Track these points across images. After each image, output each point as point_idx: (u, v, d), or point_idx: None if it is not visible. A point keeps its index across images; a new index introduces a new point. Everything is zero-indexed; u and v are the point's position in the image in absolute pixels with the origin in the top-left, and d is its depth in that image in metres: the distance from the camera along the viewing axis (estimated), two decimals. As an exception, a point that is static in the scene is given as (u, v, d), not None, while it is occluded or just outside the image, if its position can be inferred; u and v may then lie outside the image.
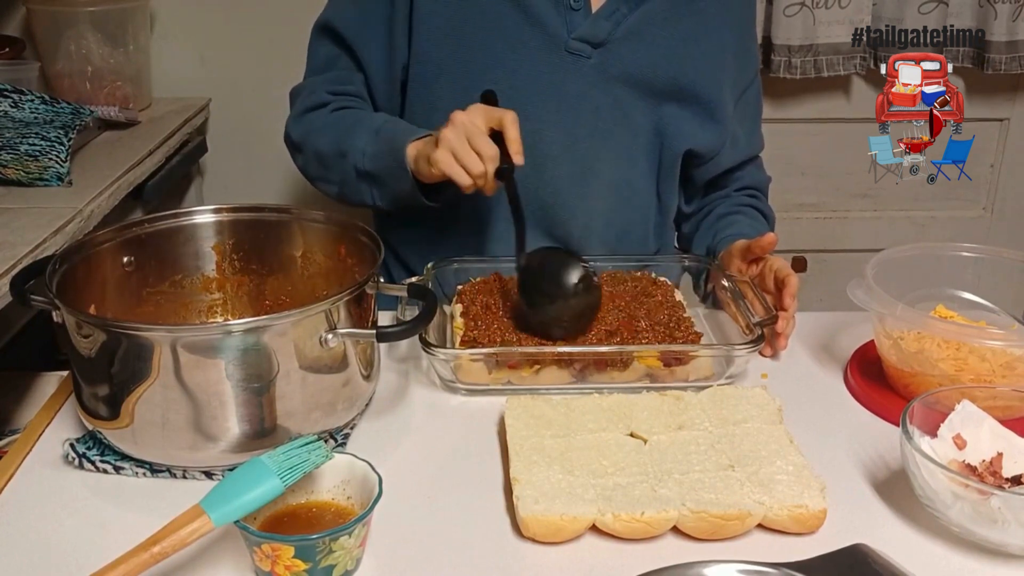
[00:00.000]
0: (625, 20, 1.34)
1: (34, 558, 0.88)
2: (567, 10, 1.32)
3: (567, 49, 1.33)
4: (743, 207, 1.49)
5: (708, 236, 1.47)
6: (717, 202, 1.51)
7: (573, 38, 1.33)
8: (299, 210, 1.18)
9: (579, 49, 1.33)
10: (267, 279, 1.19)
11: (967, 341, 1.07)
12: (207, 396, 0.93)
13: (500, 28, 1.33)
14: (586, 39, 1.33)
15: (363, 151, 1.29)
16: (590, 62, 1.34)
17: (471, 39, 1.33)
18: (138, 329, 0.93)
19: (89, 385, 0.98)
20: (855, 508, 0.95)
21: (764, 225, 1.48)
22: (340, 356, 0.99)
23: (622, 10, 1.33)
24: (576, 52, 1.33)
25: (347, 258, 1.14)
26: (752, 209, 1.50)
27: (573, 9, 1.32)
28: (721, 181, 1.51)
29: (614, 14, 1.33)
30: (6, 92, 1.69)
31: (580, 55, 1.33)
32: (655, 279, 1.29)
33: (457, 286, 1.29)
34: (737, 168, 1.50)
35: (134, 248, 1.12)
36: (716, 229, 1.46)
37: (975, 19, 2.18)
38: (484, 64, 1.33)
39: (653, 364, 1.13)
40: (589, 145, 1.37)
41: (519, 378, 1.13)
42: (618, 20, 1.33)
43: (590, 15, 1.33)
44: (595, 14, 1.33)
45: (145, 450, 0.97)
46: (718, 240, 1.43)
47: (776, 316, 1.17)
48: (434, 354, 1.11)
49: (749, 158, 1.51)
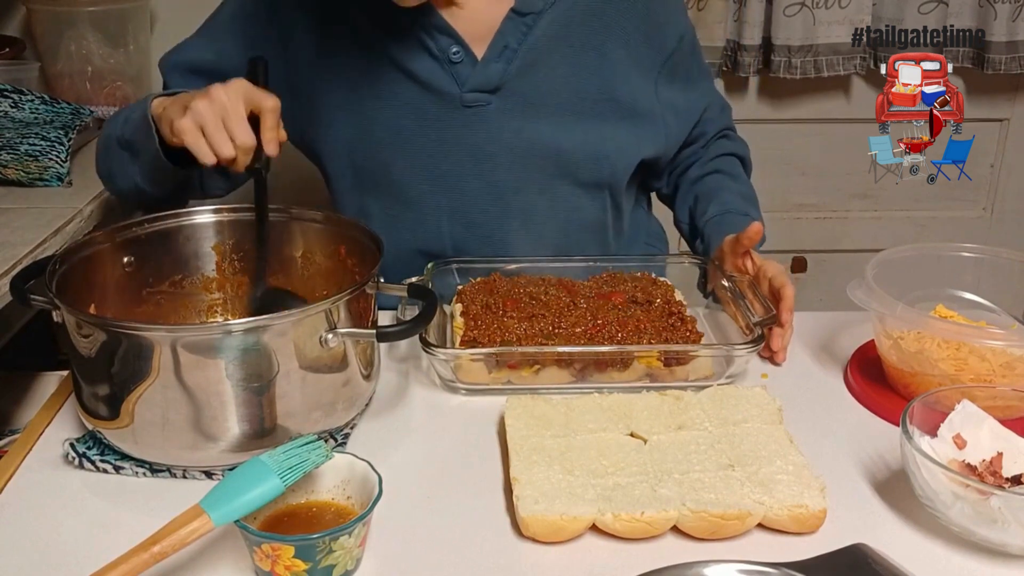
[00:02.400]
0: (515, 56, 1.29)
1: (34, 558, 0.88)
2: (450, 64, 1.28)
3: (463, 104, 1.29)
4: (717, 160, 1.45)
5: (689, 200, 1.43)
6: (691, 159, 1.47)
7: (466, 91, 1.29)
8: (299, 210, 1.18)
9: (475, 100, 1.29)
10: (267, 279, 1.18)
11: (967, 341, 1.07)
12: (207, 396, 0.93)
13: (395, 95, 1.30)
14: (480, 88, 1.29)
15: (125, 118, 1.24)
16: (490, 108, 1.29)
17: (369, 111, 1.30)
18: (138, 329, 0.93)
19: (89, 385, 0.98)
20: (855, 508, 0.95)
21: (743, 180, 1.44)
22: (340, 356, 0.99)
23: (511, 46, 1.28)
24: (472, 104, 1.29)
25: (347, 258, 1.14)
26: (726, 158, 1.45)
27: (454, 63, 1.28)
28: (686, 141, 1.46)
29: (503, 54, 1.28)
30: (6, 92, 1.69)
31: (478, 105, 1.29)
32: (655, 279, 1.29)
33: (457, 286, 1.29)
34: (696, 125, 1.45)
35: (134, 248, 1.12)
36: (696, 195, 1.42)
37: (975, 19, 2.18)
38: (390, 134, 1.31)
39: (653, 364, 1.13)
40: (514, 185, 1.34)
41: (519, 378, 1.13)
42: (508, 58, 1.28)
43: (477, 63, 1.28)
44: (482, 60, 1.28)
45: (145, 450, 0.97)
46: (704, 222, 1.38)
47: (775, 316, 1.17)
48: (434, 354, 1.11)
49: (701, 112, 1.45)
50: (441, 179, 1.33)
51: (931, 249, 1.22)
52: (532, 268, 1.31)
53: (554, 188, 1.36)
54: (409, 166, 1.32)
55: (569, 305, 1.19)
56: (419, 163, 1.32)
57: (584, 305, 1.20)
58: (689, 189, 1.45)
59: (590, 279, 1.29)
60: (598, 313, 1.18)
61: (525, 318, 1.17)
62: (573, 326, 1.15)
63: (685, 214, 1.45)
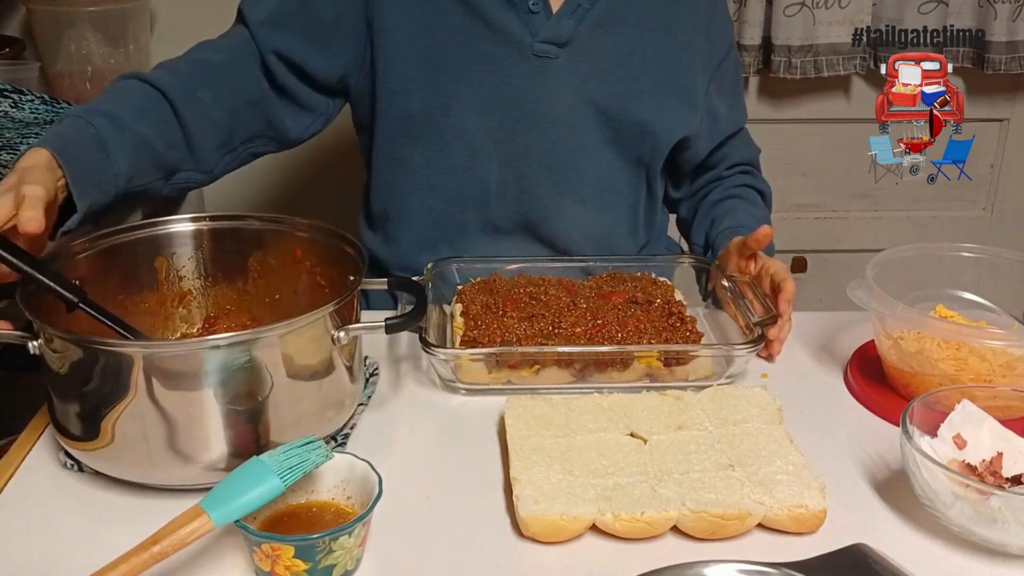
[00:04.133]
0: (587, 15, 1.33)
1: (34, 558, 0.88)
2: (527, 14, 1.31)
3: (533, 53, 1.32)
4: (737, 188, 1.48)
5: (705, 224, 1.46)
6: (710, 186, 1.50)
7: (537, 41, 1.32)
8: (248, 215, 1.14)
9: (545, 51, 1.33)
10: (214, 288, 1.16)
11: (967, 341, 1.07)
12: (189, 415, 0.91)
13: (465, 41, 1.32)
14: (551, 40, 1.32)
15: None
16: (557, 62, 1.33)
17: (437, 54, 1.32)
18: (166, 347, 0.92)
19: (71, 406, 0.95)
20: (855, 508, 0.95)
21: (761, 207, 1.47)
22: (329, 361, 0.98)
23: (583, 6, 1.33)
24: (542, 55, 1.33)
25: (304, 259, 1.13)
26: (747, 189, 1.48)
27: (532, 12, 1.32)
28: (708, 161, 1.50)
29: (575, 11, 1.33)
30: (6, 92, 1.69)
31: (547, 57, 1.33)
32: (655, 279, 1.29)
33: (457, 286, 1.29)
34: (723, 144, 1.48)
35: (81, 270, 1.05)
36: (713, 217, 1.45)
37: (975, 19, 2.18)
38: (453, 78, 1.32)
39: (653, 364, 1.13)
40: (566, 146, 1.37)
41: (519, 378, 1.13)
42: (580, 17, 1.33)
43: (551, 16, 1.33)
44: (556, 14, 1.33)
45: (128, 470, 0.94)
46: (716, 234, 1.42)
47: (775, 315, 1.17)
48: (434, 354, 1.11)
49: (733, 132, 1.50)
50: (498, 127, 1.34)
51: (931, 249, 1.22)
52: (532, 268, 1.31)
53: (600, 155, 1.39)
54: (470, 110, 1.33)
55: (569, 305, 1.19)
56: (480, 108, 1.33)
57: (584, 305, 1.20)
58: (707, 212, 1.47)
59: (590, 279, 1.29)
60: (598, 313, 1.18)
61: (525, 318, 1.17)
62: (573, 326, 1.15)
63: (701, 236, 1.47)
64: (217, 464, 0.92)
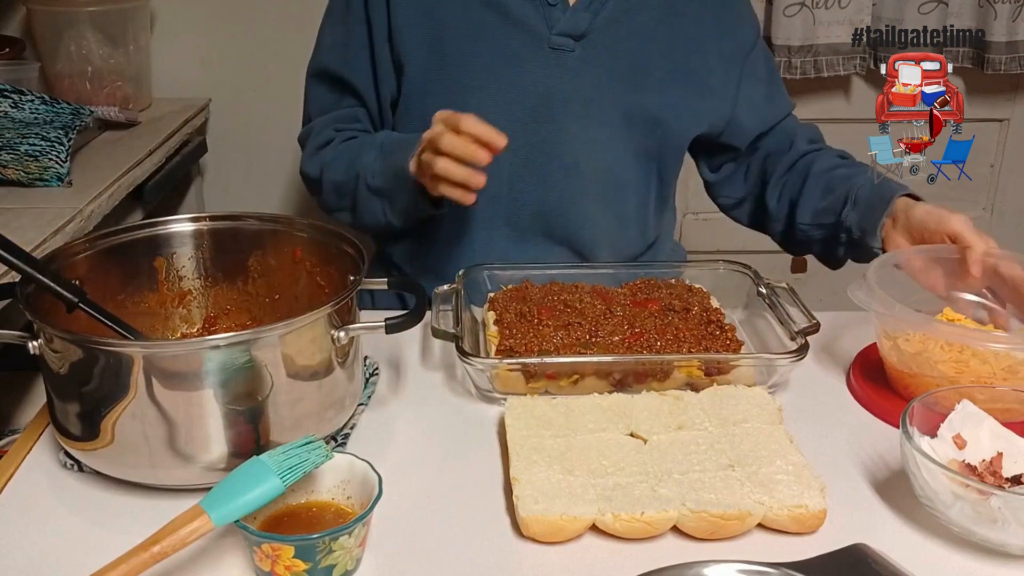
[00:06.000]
0: (604, 8, 1.34)
1: (34, 558, 0.88)
2: (545, 6, 1.33)
3: (550, 45, 1.34)
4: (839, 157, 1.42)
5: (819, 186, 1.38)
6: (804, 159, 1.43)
7: (555, 33, 1.33)
8: (249, 215, 1.14)
9: (561, 44, 1.34)
10: (214, 288, 1.15)
11: (969, 344, 1.06)
12: (189, 415, 0.91)
13: (482, 33, 1.33)
14: (567, 32, 1.34)
15: (371, 168, 1.31)
16: (574, 55, 1.34)
17: (453, 48, 1.34)
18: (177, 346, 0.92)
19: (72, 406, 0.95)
20: (855, 508, 0.95)
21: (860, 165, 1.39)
22: (329, 361, 0.98)
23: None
24: (559, 47, 1.34)
25: (304, 260, 1.13)
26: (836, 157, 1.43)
27: (550, 4, 1.33)
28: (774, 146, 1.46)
29: (592, 4, 1.34)
30: (6, 92, 1.69)
31: (563, 49, 1.34)
32: (690, 286, 1.26)
33: (488, 293, 1.28)
34: (775, 129, 1.47)
35: (80, 270, 1.05)
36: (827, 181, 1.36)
37: (975, 19, 2.18)
38: (470, 73, 1.34)
39: (695, 374, 1.11)
40: (581, 139, 1.37)
41: (557, 388, 1.11)
42: (596, 10, 1.34)
43: (568, 8, 1.34)
44: (573, 6, 1.34)
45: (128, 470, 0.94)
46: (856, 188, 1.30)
47: (817, 324, 1.14)
48: (472, 364, 1.09)
49: (782, 117, 1.48)
50: (514, 119, 1.34)
51: (932, 250, 1.22)
52: (563, 275, 1.29)
53: (613, 148, 1.39)
54: (485, 101, 1.33)
55: (605, 313, 1.17)
56: (495, 98, 1.34)
57: (620, 313, 1.18)
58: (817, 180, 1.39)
59: (623, 286, 1.27)
60: (635, 321, 1.16)
61: (561, 327, 1.14)
62: (610, 335, 1.13)
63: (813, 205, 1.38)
64: (217, 464, 0.93)
